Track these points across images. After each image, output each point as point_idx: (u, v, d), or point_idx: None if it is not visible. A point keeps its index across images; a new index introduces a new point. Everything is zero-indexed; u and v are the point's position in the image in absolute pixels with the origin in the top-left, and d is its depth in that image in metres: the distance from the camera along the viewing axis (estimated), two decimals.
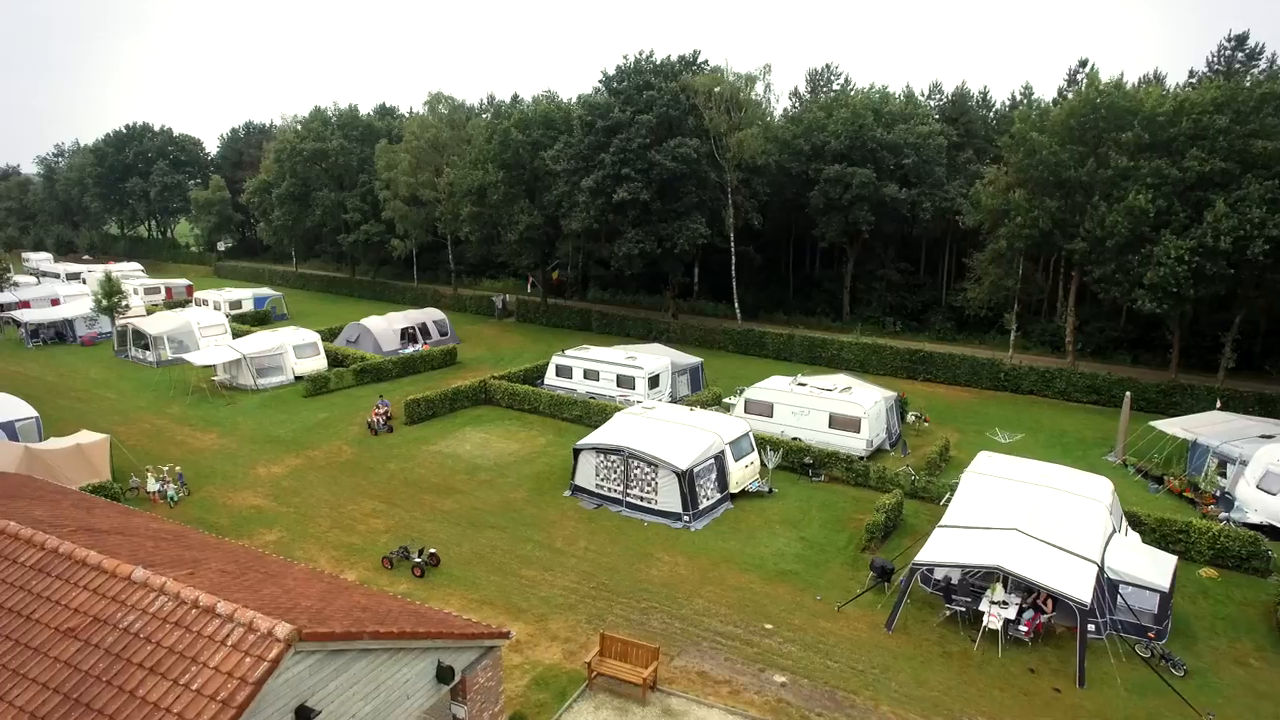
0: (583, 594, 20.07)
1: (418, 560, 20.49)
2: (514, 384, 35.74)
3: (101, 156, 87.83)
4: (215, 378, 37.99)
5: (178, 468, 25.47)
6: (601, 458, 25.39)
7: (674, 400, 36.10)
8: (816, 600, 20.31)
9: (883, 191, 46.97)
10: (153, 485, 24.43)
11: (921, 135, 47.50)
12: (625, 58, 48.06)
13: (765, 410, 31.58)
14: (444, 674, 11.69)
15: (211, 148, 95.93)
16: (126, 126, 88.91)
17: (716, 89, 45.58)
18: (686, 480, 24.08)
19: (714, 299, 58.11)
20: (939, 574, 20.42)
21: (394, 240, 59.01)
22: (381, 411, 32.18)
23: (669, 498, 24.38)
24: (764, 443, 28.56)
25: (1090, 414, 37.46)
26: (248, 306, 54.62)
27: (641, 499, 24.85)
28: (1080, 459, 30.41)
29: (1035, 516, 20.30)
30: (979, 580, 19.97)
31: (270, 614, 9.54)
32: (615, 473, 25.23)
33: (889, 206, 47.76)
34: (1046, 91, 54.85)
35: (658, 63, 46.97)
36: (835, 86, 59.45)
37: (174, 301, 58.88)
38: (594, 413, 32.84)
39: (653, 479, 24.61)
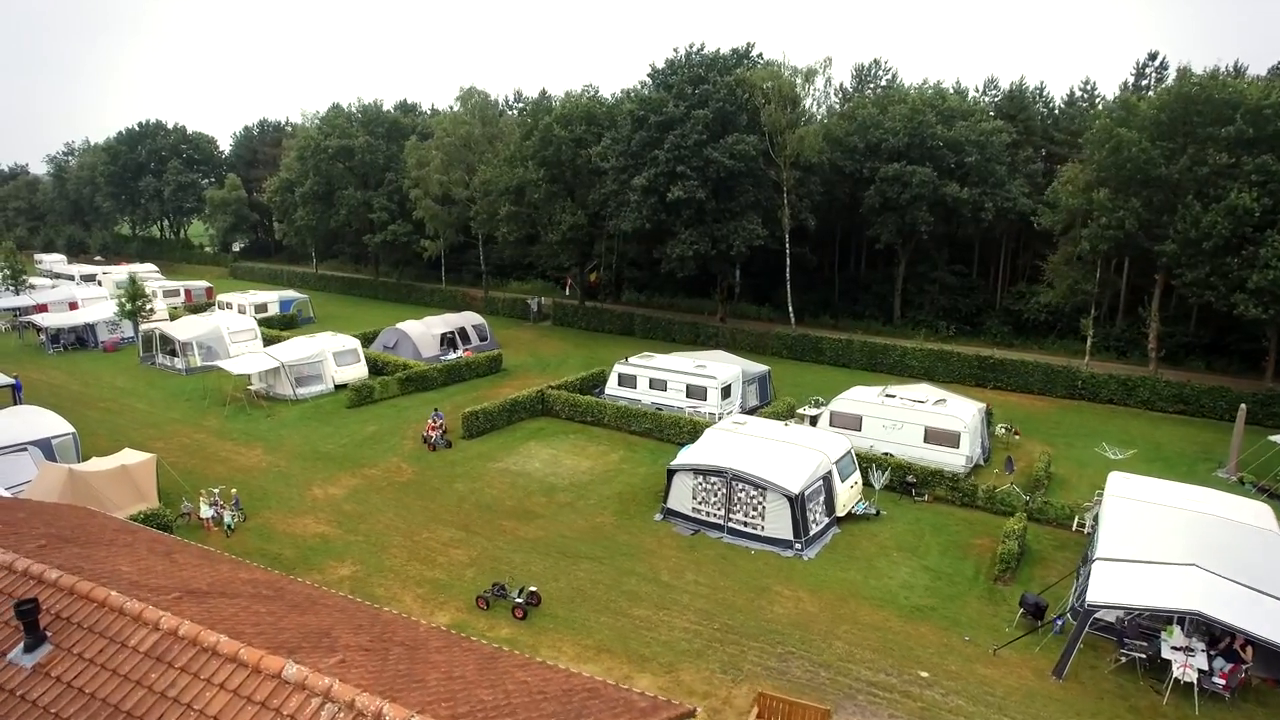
0: (707, 637, 17.83)
1: (518, 600, 18.22)
2: (574, 394, 33.47)
3: (114, 155, 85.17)
4: (251, 387, 35.66)
5: (234, 491, 23.15)
6: (700, 479, 23.16)
7: (745, 411, 33.89)
8: (965, 641, 18.12)
9: (943, 191, 44.84)
10: (206, 511, 22.13)
11: (985, 132, 45.34)
12: (675, 50, 45.95)
13: (853, 423, 29.37)
14: None
15: (223, 146, 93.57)
16: (139, 124, 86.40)
17: (769, 84, 43.36)
18: (798, 505, 21.87)
19: (756, 301, 55.96)
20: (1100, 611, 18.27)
21: (424, 241, 56.68)
22: (438, 425, 29.91)
23: (778, 524, 22.16)
24: (867, 461, 26.38)
25: (1180, 425, 35.33)
26: (274, 310, 52.26)
27: (746, 524, 22.62)
28: (1187, 475, 28.21)
29: (1210, 549, 18.11)
30: (1147, 620, 17.81)
31: None
32: (715, 496, 23.00)
33: (949, 207, 45.66)
34: (1106, 87, 52.73)
35: (709, 55, 44.76)
36: (882, 82, 57.23)
37: (194, 304, 56.49)
38: (665, 426, 30.63)
39: (759, 503, 22.38)
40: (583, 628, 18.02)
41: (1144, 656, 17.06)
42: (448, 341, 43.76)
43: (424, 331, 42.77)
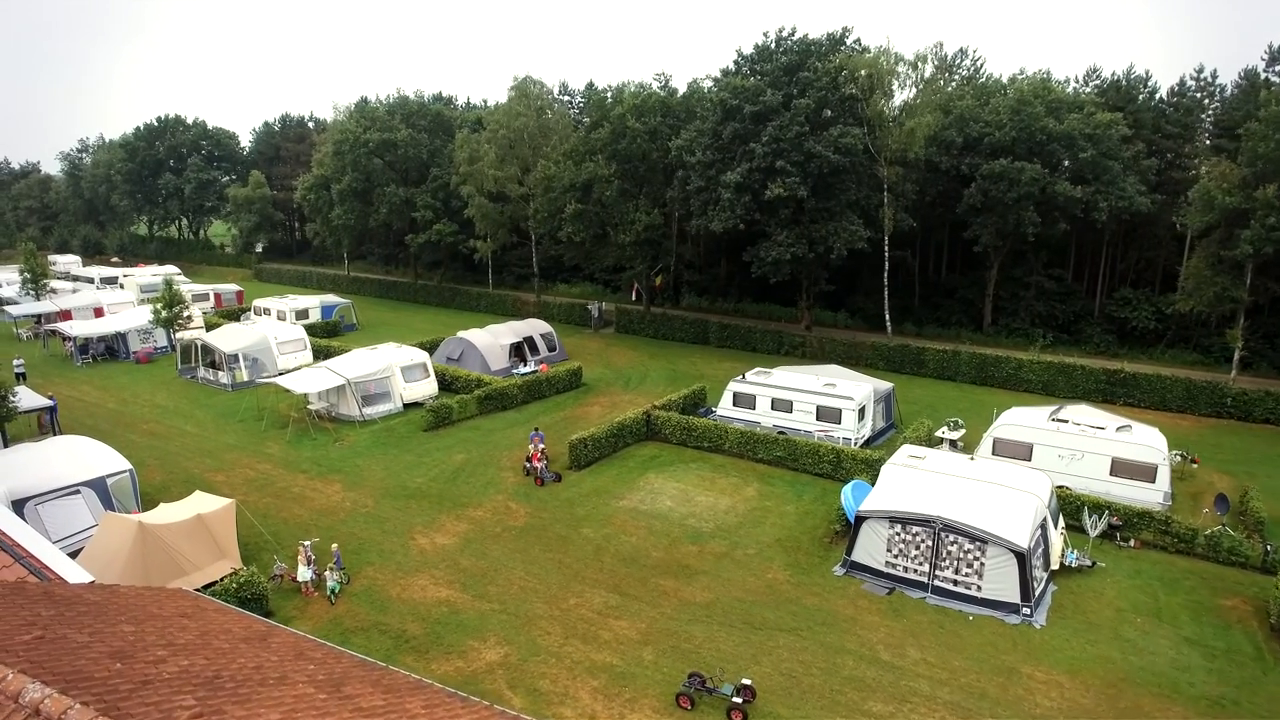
0: None
1: (735, 700, 14.22)
2: (686, 417, 29.46)
3: (132, 151, 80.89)
4: (311, 406, 31.63)
5: (334, 546, 19.06)
6: (898, 529, 19.20)
7: (875, 435, 29.99)
8: None
9: (1054, 189, 40.96)
10: (304, 573, 18.08)
11: (1099, 125, 41.44)
12: (765, 34, 41.99)
13: (1021, 453, 25.45)
14: None
15: (242, 142, 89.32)
16: (158, 119, 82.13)
17: (864, 71, 39.42)
18: (1026, 562, 17.94)
19: (830, 307, 52.04)
20: None
21: (475, 241, 52.72)
22: (541, 453, 25.86)
23: (1000, 583, 18.23)
24: (1073, 501, 22.55)
25: None
26: (315, 316, 48.13)
27: (956, 583, 18.67)
28: None
29: None
30: None
31: None
32: (917, 549, 19.05)
33: (1059, 206, 41.78)
34: (1226, 74, 48.05)
35: (802, 41, 40.80)
36: (964, 71, 53.24)
37: (225, 310, 52.40)
38: (801, 454, 26.64)
39: (977, 559, 18.44)
40: None
41: None
42: (515, 352, 39.80)
43: (491, 342, 38.78)
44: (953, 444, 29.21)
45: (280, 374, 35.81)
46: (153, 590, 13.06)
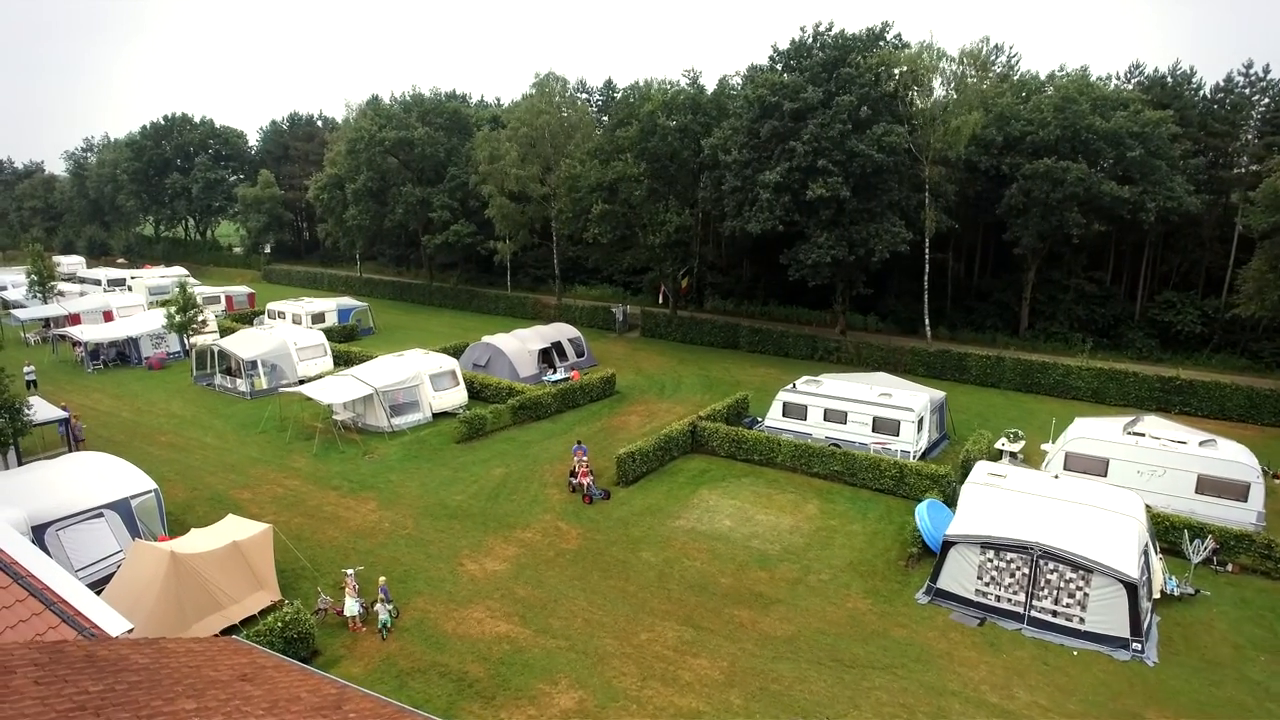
0: None
1: None
2: (736, 429, 27.94)
3: (138, 151, 79.31)
4: (337, 416, 30.12)
5: (382, 579, 17.44)
6: (990, 556, 17.72)
7: (930, 446, 28.50)
8: None
9: (1100, 189, 39.46)
10: (351, 607, 16.55)
11: (1148, 123, 39.95)
12: (802, 29, 40.50)
13: (1096, 468, 23.96)
14: None
15: (249, 141, 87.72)
16: (165, 117, 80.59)
17: (905, 69, 37.95)
18: (1137, 593, 16.46)
19: (860, 311, 50.55)
20: None
21: (495, 242, 51.23)
22: (586, 465, 24.37)
23: (1107, 616, 16.75)
24: (1164, 522, 21.09)
25: None
26: (331, 320, 46.58)
27: (1056, 614, 17.18)
28: None
29: None
30: None
31: None
32: (1011, 576, 17.57)
33: (1104, 207, 40.28)
34: (1277, 68, 45.54)
35: (840, 36, 39.27)
36: (998, 67, 51.68)
37: (238, 314, 50.86)
38: (860, 469, 25.14)
39: (1080, 589, 16.96)
40: None
41: None
42: (544, 358, 38.29)
43: (519, 347, 37.27)
44: (1013, 456, 27.76)
45: (301, 381, 34.45)
46: (201, 644, 11.53)
